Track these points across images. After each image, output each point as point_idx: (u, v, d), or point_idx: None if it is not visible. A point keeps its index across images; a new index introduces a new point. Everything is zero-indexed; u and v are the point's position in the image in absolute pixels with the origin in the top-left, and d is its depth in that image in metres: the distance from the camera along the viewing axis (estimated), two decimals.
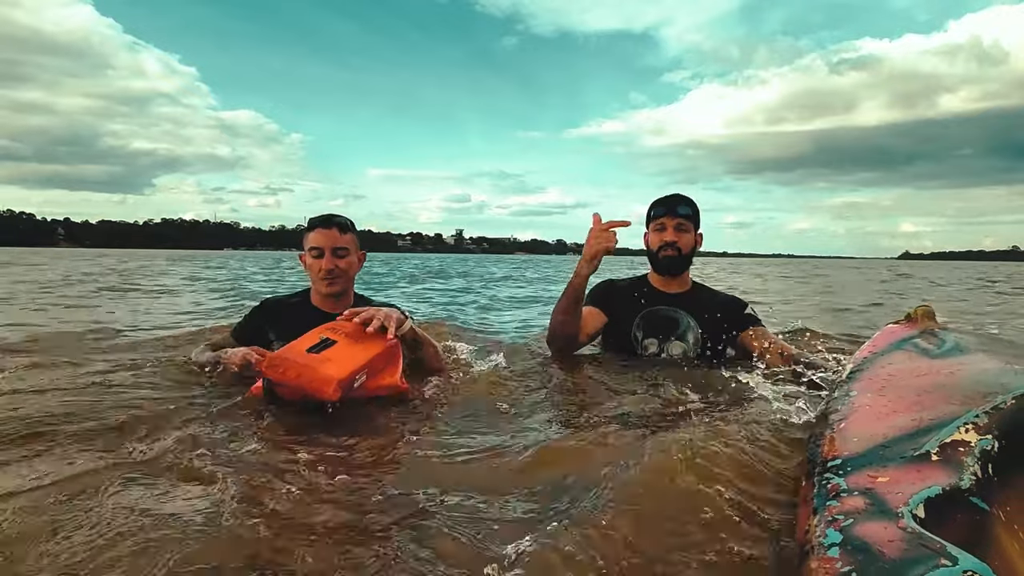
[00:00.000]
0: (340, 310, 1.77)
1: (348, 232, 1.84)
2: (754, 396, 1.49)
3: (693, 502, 0.88)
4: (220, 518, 0.84)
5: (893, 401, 0.98)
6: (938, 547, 0.56)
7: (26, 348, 2.32)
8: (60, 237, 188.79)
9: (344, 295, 1.88)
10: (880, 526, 0.62)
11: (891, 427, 0.86)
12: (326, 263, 1.78)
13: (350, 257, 1.83)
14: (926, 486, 0.68)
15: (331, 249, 1.79)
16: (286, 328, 1.68)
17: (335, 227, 1.81)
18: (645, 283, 2.12)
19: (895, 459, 0.77)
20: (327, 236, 1.79)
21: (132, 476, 0.98)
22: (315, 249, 1.79)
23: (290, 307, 1.88)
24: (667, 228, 1.99)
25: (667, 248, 1.99)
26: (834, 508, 0.69)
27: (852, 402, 1.02)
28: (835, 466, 0.80)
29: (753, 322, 2.01)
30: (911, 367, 1.16)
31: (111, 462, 1.05)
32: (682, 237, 1.99)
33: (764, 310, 2.13)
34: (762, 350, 1.90)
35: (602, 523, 0.81)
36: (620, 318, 2.03)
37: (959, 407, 0.86)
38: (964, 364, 1.10)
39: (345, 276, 1.83)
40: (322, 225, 1.81)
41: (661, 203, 2.02)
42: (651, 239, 2.04)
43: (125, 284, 7.49)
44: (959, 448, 0.75)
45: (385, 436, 1.25)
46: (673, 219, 1.98)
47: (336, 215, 1.86)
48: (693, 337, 1.97)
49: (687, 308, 2.01)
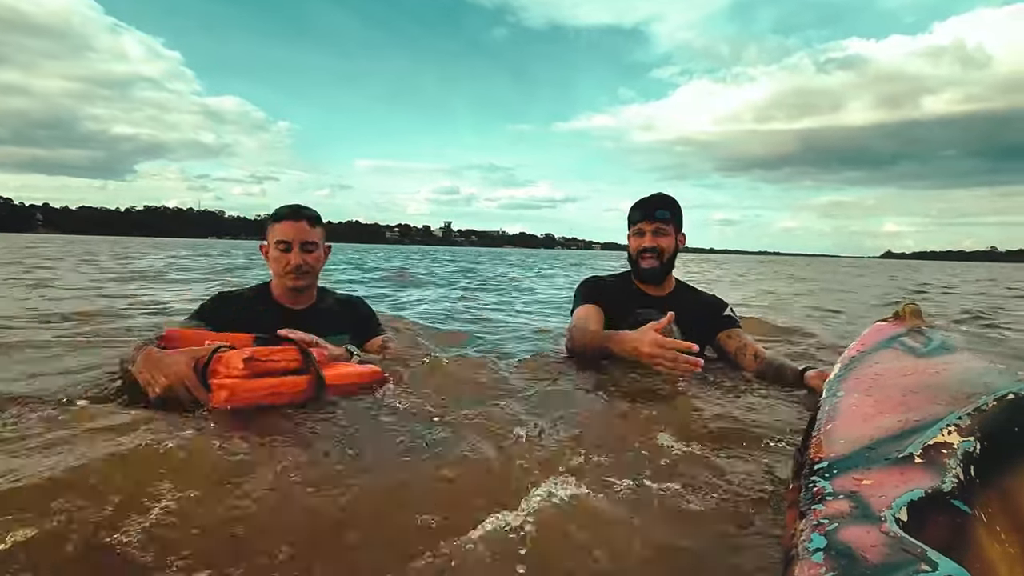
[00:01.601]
0: (303, 305, 1.80)
1: (318, 225, 1.75)
2: (733, 397, 1.51)
3: (676, 508, 0.89)
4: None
5: (879, 401, 0.99)
6: (919, 552, 0.57)
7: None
8: (38, 223, 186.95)
9: (308, 290, 1.81)
10: (863, 530, 0.63)
11: (877, 428, 0.87)
12: (295, 258, 1.69)
13: (318, 252, 1.76)
14: (909, 489, 0.69)
15: (300, 243, 1.69)
16: (242, 324, 1.57)
17: (305, 220, 1.71)
18: (629, 283, 2.10)
19: (880, 461, 0.78)
20: (296, 229, 1.70)
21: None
22: (282, 242, 1.69)
23: (247, 301, 1.78)
24: (646, 233, 1.96)
25: (647, 254, 1.96)
26: (819, 512, 0.70)
27: (839, 402, 1.03)
28: (821, 468, 0.80)
29: (731, 324, 2.03)
30: (898, 366, 1.17)
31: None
32: (662, 241, 1.95)
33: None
34: (736, 349, 1.93)
35: (570, 528, 0.82)
36: (609, 319, 2.03)
37: (943, 408, 0.87)
38: (949, 364, 1.11)
39: (313, 272, 1.75)
40: (291, 217, 1.71)
41: (639, 206, 1.98)
42: (631, 244, 2.02)
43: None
44: (942, 450, 0.76)
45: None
46: (652, 223, 1.95)
47: (305, 207, 1.76)
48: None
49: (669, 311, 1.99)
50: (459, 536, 0.79)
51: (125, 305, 3.85)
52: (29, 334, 2.34)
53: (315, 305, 1.84)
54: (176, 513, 0.82)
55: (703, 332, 2.02)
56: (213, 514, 0.83)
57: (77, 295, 4.57)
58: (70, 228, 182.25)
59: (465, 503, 0.89)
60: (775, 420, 1.28)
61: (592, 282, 2.13)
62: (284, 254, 1.69)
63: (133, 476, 0.89)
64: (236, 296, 1.81)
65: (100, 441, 1.01)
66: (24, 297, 4.24)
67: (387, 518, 0.86)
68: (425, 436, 1.14)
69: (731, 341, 1.99)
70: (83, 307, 3.47)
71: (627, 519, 0.87)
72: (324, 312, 1.82)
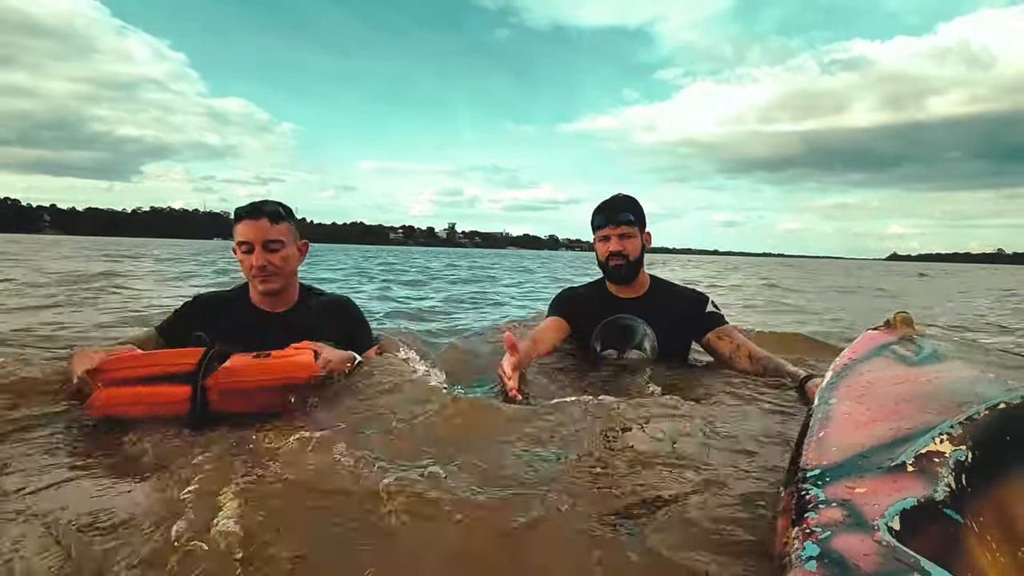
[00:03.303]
0: (282, 308, 1.68)
1: (282, 221, 1.61)
2: (722, 399, 1.50)
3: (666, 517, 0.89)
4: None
5: (872, 409, 1.00)
6: (912, 561, 0.57)
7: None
8: (46, 224, 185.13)
9: (284, 291, 1.68)
10: (856, 539, 0.63)
11: (869, 436, 0.87)
12: (256, 259, 1.56)
13: (285, 250, 1.61)
14: (901, 497, 0.69)
15: (262, 243, 1.57)
16: (222, 328, 1.47)
17: (265, 217, 1.58)
18: (603, 289, 2.10)
19: (872, 469, 0.77)
20: (256, 228, 1.57)
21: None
22: (244, 243, 1.58)
23: (226, 304, 1.68)
24: (611, 238, 1.96)
25: (614, 258, 1.96)
26: (812, 520, 0.69)
27: (831, 410, 1.03)
28: (814, 476, 0.80)
29: (717, 322, 2.00)
30: (889, 375, 1.18)
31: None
32: (627, 244, 1.95)
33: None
34: (731, 352, 1.91)
35: (568, 537, 0.81)
36: (582, 329, 2.02)
37: (935, 416, 0.87)
38: (941, 372, 1.11)
39: (282, 272, 1.62)
40: (249, 216, 1.58)
41: (600, 211, 1.98)
42: (598, 249, 2.01)
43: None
44: (934, 459, 0.76)
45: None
46: (616, 228, 1.95)
47: (267, 202, 1.62)
48: (650, 345, 1.94)
49: (644, 314, 1.99)
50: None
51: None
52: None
53: (295, 307, 1.72)
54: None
55: (684, 330, 2.01)
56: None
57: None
58: (77, 229, 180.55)
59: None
60: (765, 426, 1.28)
61: (565, 295, 2.14)
62: (247, 256, 1.58)
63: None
64: (214, 299, 1.73)
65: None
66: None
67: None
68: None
69: (723, 343, 1.95)
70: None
71: (616, 529, 0.86)
72: (305, 315, 1.69)
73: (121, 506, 0.90)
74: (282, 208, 1.63)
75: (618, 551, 0.80)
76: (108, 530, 0.84)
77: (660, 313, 1.99)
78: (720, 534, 0.85)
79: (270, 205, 1.61)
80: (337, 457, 1.02)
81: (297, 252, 1.68)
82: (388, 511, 0.86)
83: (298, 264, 1.70)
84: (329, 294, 1.88)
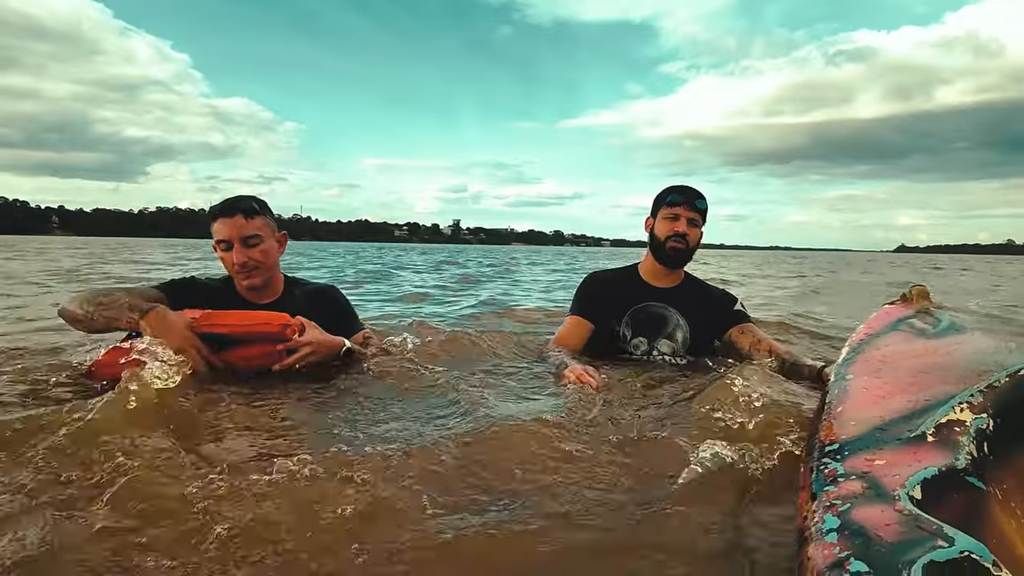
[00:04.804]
0: (266, 299, 1.70)
1: (257, 216, 1.60)
2: (744, 387, 1.49)
3: (688, 493, 0.88)
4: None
5: (889, 383, 0.98)
6: (934, 528, 0.56)
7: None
8: (54, 225, 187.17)
9: (268, 284, 1.69)
10: (877, 509, 0.62)
11: (887, 409, 0.87)
12: (237, 256, 1.57)
13: (265, 244, 1.61)
14: (922, 467, 0.68)
15: (240, 239, 1.57)
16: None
17: (239, 214, 1.58)
18: (635, 276, 2.05)
19: (891, 441, 0.77)
20: (232, 225, 1.57)
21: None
22: (223, 242, 1.59)
23: (215, 293, 1.69)
24: (681, 219, 1.90)
25: (676, 239, 1.90)
26: (832, 493, 0.69)
27: (848, 385, 1.02)
28: (832, 451, 0.80)
29: (742, 319, 2.00)
30: (907, 348, 1.16)
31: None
32: (693, 232, 1.91)
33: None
34: (751, 345, 1.90)
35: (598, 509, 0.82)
36: (607, 316, 1.97)
37: (954, 387, 0.86)
38: (960, 343, 1.10)
39: (264, 266, 1.62)
40: (224, 213, 1.58)
41: (679, 191, 1.93)
42: (660, 227, 1.94)
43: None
44: (955, 428, 0.75)
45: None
46: (690, 211, 1.90)
47: (241, 198, 1.62)
48: (682, 336, 1.92)
49: (677, 305, 1.96)
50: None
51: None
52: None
53: (280, 299, 1.74)
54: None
55: (713, 327, 1.99)
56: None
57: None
58: (85, 230, 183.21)
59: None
60: (784, 404, 1.27)
61: (588, 284, 2.08)
62: (227, 253, 1.59)
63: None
64: (205, 285, 1.74)
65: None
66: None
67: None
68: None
69: (743, 337, 1.94)
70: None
71: (639, 504, 0.86)
72: (291, 305, 1.69)
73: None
74: (256, 202, 1.63)
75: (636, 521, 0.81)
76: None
77: (692, 306, 1.96)
78: (739, 510, 0.85)
79: (244, 201, 1.61)
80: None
81: (276, 244, 1.69)
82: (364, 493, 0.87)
83: (278, 255, 1.72)
84: (314, 283, 1.90)
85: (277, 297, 1.73)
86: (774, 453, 1.03)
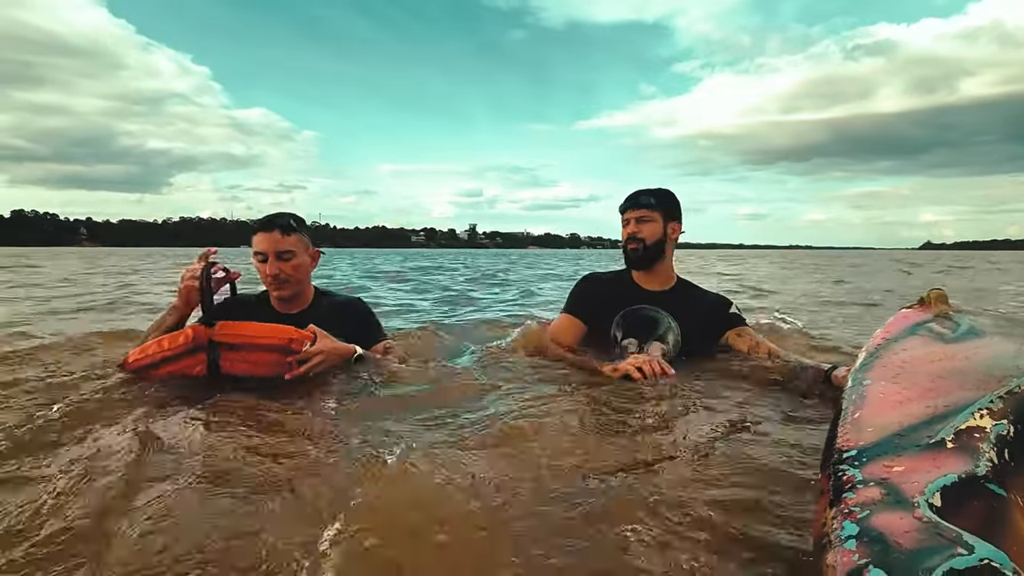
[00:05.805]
0: (296, 310, 1.85)
1: (293, 233, 1.75)
2: (749, 390, 1.48)
3: (702, 499, 0.89)
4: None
5: (907, 388, 0.98)
6: (954, 536, 0.56)
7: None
8: (83, 236, 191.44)
9: (298, 296, 1.84)
10: (896, 517, 0.62)
11: (906, 415, 0.86)
12: (270, 268, 1.72)
13: (297, 259, 1.76)
14: (941, 474, 0.68)
15: (275, 253, 1.72)
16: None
17: (277, 229, 1.73)
18: (627, 279, 2.08)
19: (910, 448, 0.77)
20: (269, 240, 1.72)
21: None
22: (259, 254, 1.73)
23: (251, 306, 1.84)
24: (630, 222, 1.99)
25: (631, 241, 1.98)
26: (850, 500, 0.69)
27: (866, 391, 1.02)
28: (850, 457, 0.80)
29: (738, 322, 2.00)
30: (925, 352, 1.15)
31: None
32: (644, 228, 1.96)
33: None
34: (750, 348, 1.89)
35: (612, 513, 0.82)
36: (600, 317, 2.00)
37: (974, 392, 0.86)
38: (979, 348, 1.09)
39: (294, 279, 1.77)
40: (263, 228, 1.73)
41: (626, 198, 2.03)
42: (622, 235, 2.04)
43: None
44: (974, 434, 0.75)
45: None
46: (635, 211, 1.98)
47: (280, 215, 1.77)
48: (673, 339, 1.91)
49: (669, 308, 1.96)
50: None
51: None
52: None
53: (309, 309, 1.87)
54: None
55: (707, 331, 1.99)
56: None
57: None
58: (111, 240, 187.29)
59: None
60: (798, 411, 1.27)
61: (583, 284, 2.14)
62: (262, 265, 1.74)
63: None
64: (241, 300, 1.88)
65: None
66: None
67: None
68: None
69: (741, 340, 1.95)
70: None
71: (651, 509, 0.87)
72: (318, 316, 1.80)
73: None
74: (293, 220, 1.77)
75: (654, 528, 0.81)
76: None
77: (685, 309, 1.96)
78: (755, 517, 0.85)
79: (282, 218, 1.76)
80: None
81: (309, 260, 1.83)
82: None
83: (311, 270, 1.86)
84: (342, 295, 2.03)
85: (306, 308, 1.87)
86: (787, 458, 1.03)
